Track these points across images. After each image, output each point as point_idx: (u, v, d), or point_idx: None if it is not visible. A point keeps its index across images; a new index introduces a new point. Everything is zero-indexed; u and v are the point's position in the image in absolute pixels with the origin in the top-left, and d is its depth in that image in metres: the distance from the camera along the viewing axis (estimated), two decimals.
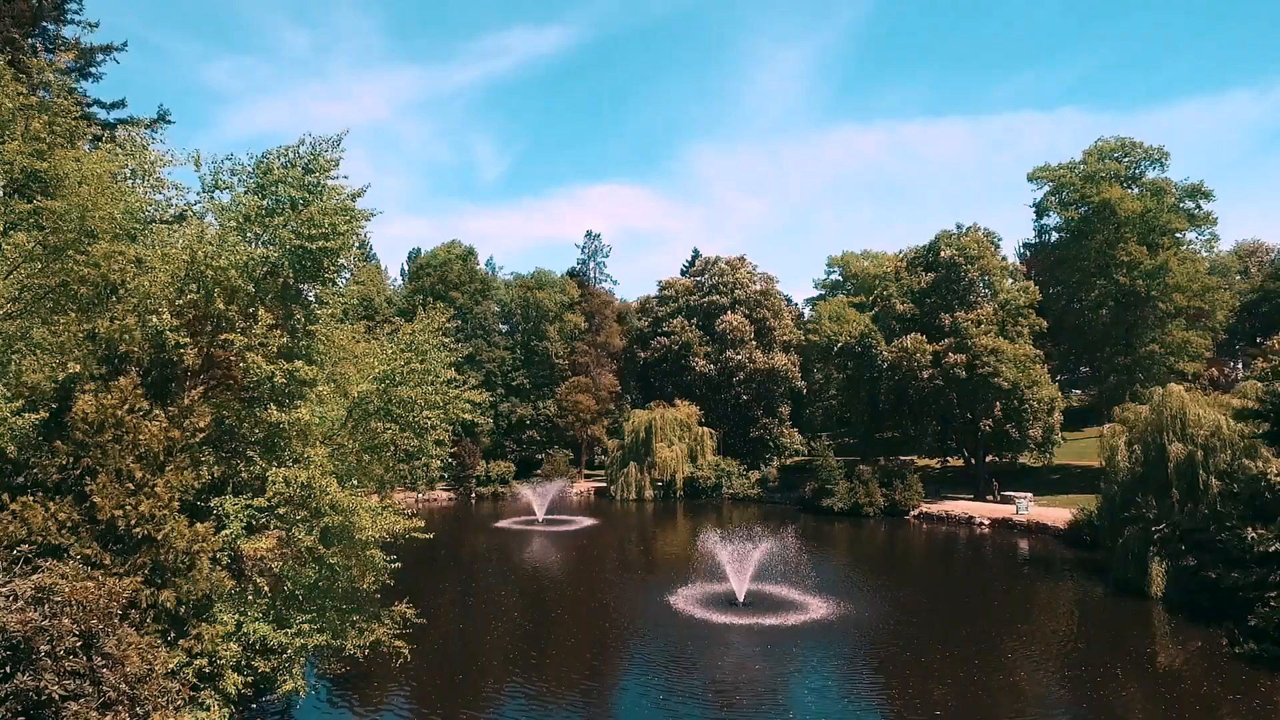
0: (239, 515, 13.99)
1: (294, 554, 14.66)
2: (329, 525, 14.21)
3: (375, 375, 15.36)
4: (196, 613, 12.98)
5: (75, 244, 13.67)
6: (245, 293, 14.40)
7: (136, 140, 16.11)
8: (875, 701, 18.87)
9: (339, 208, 15.72)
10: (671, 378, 73.51)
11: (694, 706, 18.31)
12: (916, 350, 52.89)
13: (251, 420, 14.86)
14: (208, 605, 13.19)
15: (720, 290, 73.98)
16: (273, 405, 14.44)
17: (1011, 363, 50.44)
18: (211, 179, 15.17)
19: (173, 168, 16.28)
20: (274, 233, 14.78)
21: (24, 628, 6.78)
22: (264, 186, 14.88)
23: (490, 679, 20.37)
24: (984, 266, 55.12)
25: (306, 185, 15.51)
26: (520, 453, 73.14)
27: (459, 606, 28.21)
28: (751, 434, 71.70)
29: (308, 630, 14.28)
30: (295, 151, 15.71)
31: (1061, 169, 69.94)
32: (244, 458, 15.18)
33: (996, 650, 22.52)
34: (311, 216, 15.05)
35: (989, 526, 46.01)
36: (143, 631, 10.78)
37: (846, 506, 51.56)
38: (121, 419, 12.36)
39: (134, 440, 12.44)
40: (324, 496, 14.04)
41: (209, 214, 15.12)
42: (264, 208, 14.95)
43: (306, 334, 15.46)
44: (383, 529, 14.67)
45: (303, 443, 14.79)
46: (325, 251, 15.55)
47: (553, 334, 74.78)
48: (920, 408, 55.19)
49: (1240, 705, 17.76)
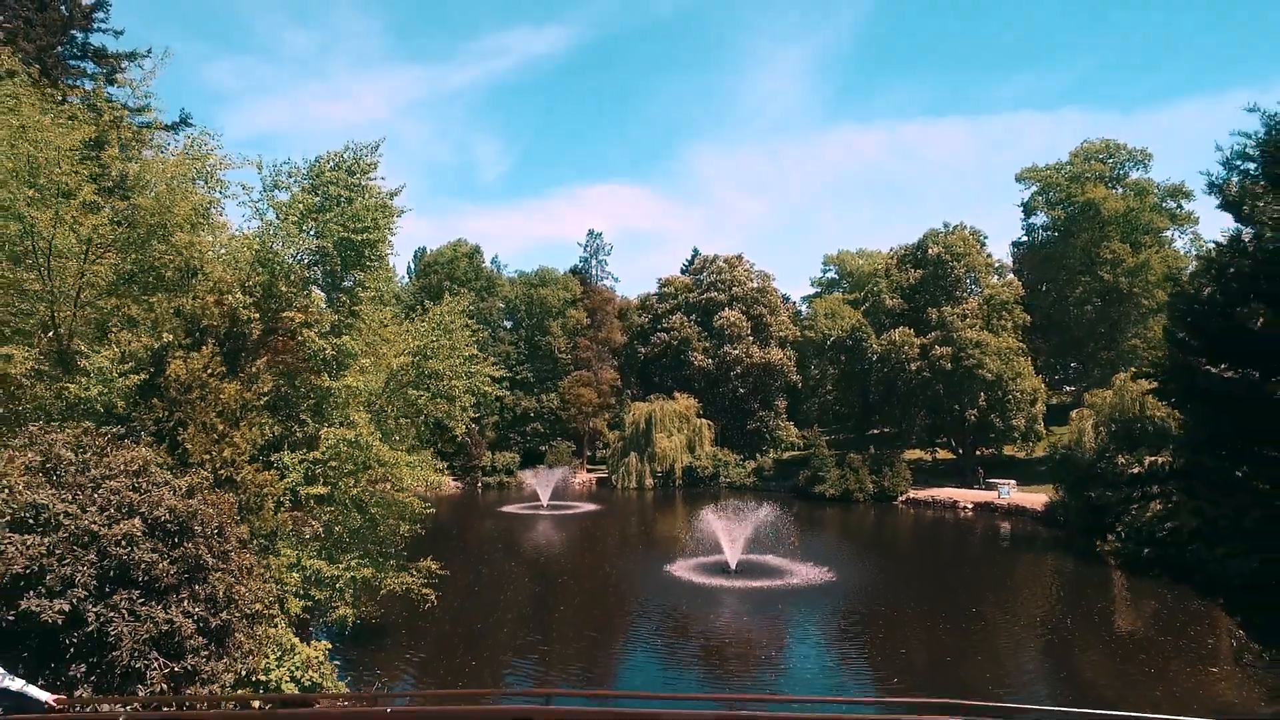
0: (297, 467, 16.38)
1: (343, 501, 17.01)
2: (373, 477, 16.60)
3: (410, 349, 17.76)
4: (265, 547, 15.36)
5: (158, 235, 16.07)
6: (301, 277, 16.80)
7: (201, 145, 18.48)
8: (854, 649, 21.18)
9: (378, 204, 18.13)
10: (671, 372, 75.86)
11: (688, 654, 20.65)
12: (904, 343, 55.26)
13: (306, 387, 17.25)
14: (273, 540, 15.57)
15: (718, 287, 76.33)
16: (325, 374, 16.84)
17: (995, 355, 52.82)
18: (271, 180, 17.59)
19: (230, 170, 18.64)
20: (325, 226, 17.17)
21: (185, 511, 9.14)
22: (317, 186, 17.29)
23: (504, 629, 22.76)
24: (970, 263, 57.50)
25: (350, 185, 17.93)
26: (524, 444, 75.48)
27: (472, 573, 30.61)
28: (748, 427, 74.03)
29: (354, 566, 16.67)
30: (340, 156, 18.14)
31: (1048, 170, 72.33)
32: (298, 420, 17.58)
33: (955, 590, 25.00)
34: (356, 212, 17.47)
35: (972, 510, 48.38)
36: None
37: (838, 492, 53.92)
38: (205, 381, 14.74)
39: (215, 399, 14.82)
40: (369, 451, 16.43)
41: (270, 209, 17.48)
42: (316, 204, 17.34)
43: (351, 313, 17.88)
44: (420, 480, 17.06)
45: (348, 407, 17.18)
46: (366, 243, 17.99)
47: (556, 329, 77.12)
48: (908, 399, 57.54)
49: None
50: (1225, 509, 15.14)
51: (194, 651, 8.88)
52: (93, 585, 8.25)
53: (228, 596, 9.36)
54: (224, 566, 9.59)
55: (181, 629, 8.64)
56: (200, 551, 9.12)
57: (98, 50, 42.52)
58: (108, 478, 8.92)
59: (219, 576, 9.30)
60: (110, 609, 8.31)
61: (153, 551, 8.67)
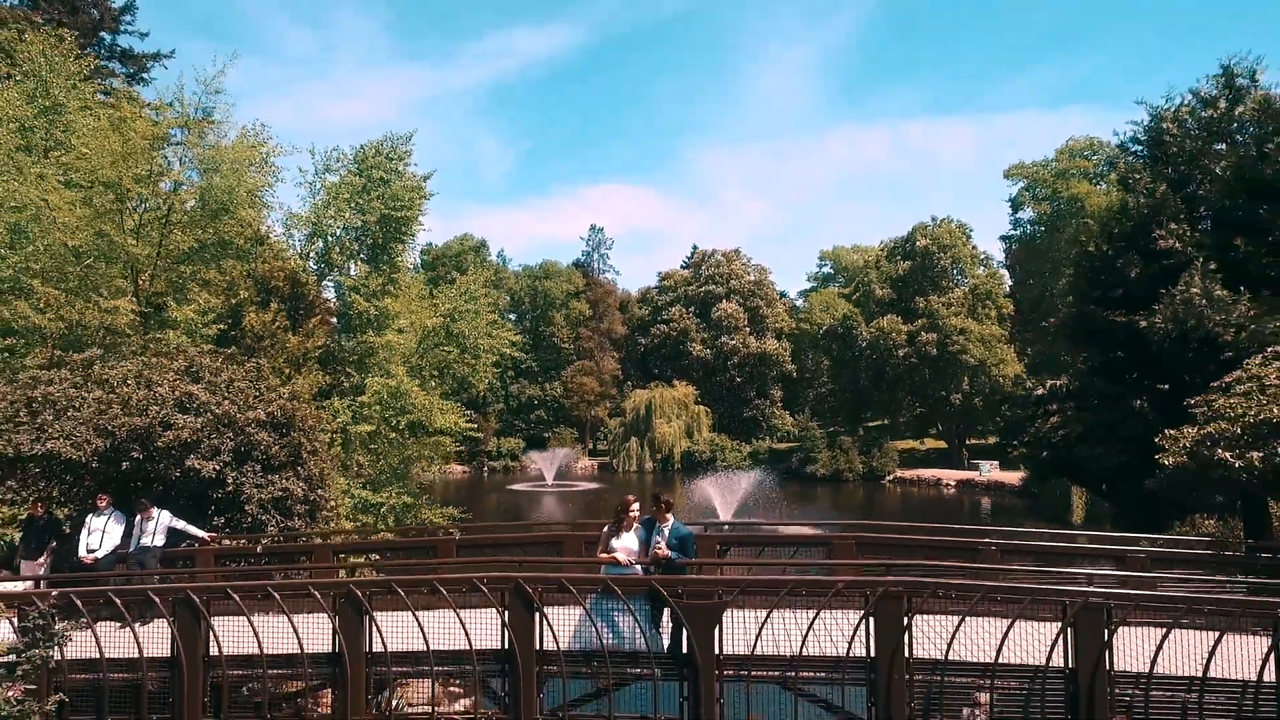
0: (345, 410, 19.09)
1: (386, 438, 19.71)
2: (411, 420, 19.31)
3: (441, 312, 20.49)
4: (321, 476, 18.07)
5: (228, 211, 18.78)
6: (349, 248, 19.52)
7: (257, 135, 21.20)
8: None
9: (413, 186, 20.87)
10: (670, 362, 78.54)
11: None
12: (892, 330, 57.95)
13: (353, 342, 19.98)
14: (327, 471, 18.27)
15: (716, 280, 79.01)
16: (370, 331, 19.57)
17: (979, 341, 55.52)
18: (323, 164, 20.34)
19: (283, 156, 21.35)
20: (368, 204, 19.89)
21: (290, 409, 11.82)
22: (362, 170, 20.01)
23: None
24: (956, 255, 60.20)
25: (389, 170, 20.67)
26: (528, 431, 78.16)
27: None
28: (745, 414, 76.70)
29: (396, 495, 19.37)
30: (379, 145, 20.90)
31: (1035, 166, 74.95)
32: (344, 372, 20.28)
33: None
34: (395, 193, 20.20)
35: (954, 487, 51.14)
36: None
37: (829, 472, 56.64)
38: (275, 331, 17.48)
39: (282, 347, 17.55)
40: (407, 398, 19.15)
41: (322, 189, 20.19)
42: (360, 186, 20.07)
43: (390, 280, 20.60)
44: (450, 421, 19.77)
45: (390, 362, 19.89)
46: (403, 220, 20.73)
47: (559, 321, 79.82)
48: (896, 384, 60.22)
49: None
50: (1105, 419, 17.76)
51: (299, 515, 11.61)
52: (230, 457, 10.96)
53: (320, 477, 12.09)
54: (315, 456, 12.32)
55: (292, 494, 11.36)
56: (301, 441, 11.84)
57: (124, 51, 45.23)
58: (235, 380, 11.64)
59: (314, 462, 12.04)
60: (242, 476, 11.02)
61: (269, 436, 11.39)
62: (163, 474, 10.81)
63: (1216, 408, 9.85)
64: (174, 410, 10.59)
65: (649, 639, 7.43)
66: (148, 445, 10.53)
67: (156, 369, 11.34)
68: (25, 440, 10.29)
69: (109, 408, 10.61)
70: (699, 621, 7.37)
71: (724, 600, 7.59)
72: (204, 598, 7.87)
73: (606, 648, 7.37)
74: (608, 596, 7.65)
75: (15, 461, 10.59)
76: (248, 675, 7.99)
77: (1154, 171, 16.53)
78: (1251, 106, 17.60)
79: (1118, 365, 17.26)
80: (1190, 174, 17.40)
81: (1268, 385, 9.61)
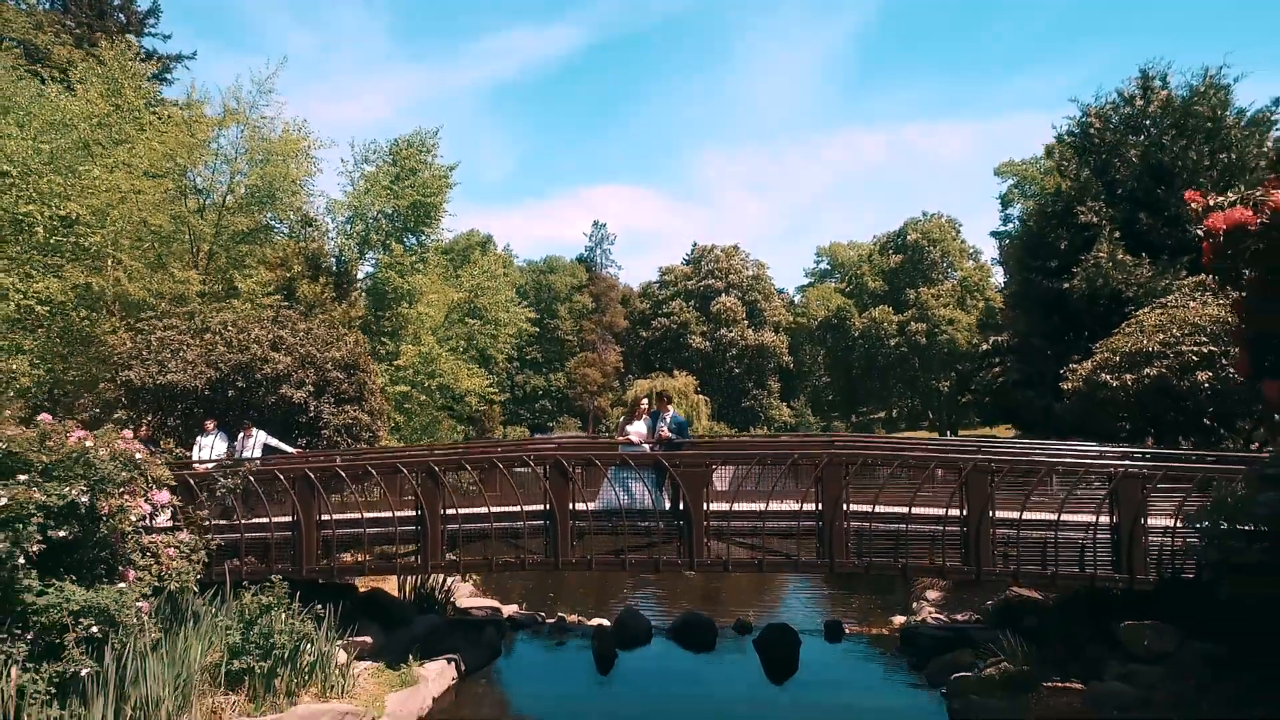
0: (382, 373, 21.58)
1: (417, 402, 22.22)
2: (441, 383, 21.83)
3: (465, 288, 23.02)
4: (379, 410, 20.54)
5: (274, 197, 21.27)
6: (384, 230, 22.03)
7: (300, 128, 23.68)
8: None
9: (440, 175, 23.38)
10: (670, 354, 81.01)
11: None
12: (884, 320, 60.49)
13: (389, 314, 22.51)
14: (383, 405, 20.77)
15: (715, 275, 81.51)
16: (404, 304, 22.10)
17: (966, 330, 57.99)
18: (362, 155, 22.86)
19: (324, 149, 23.85)
20: (402, 190, 22.40)
21: (356, 352, 14.33)
22: (396, 161, 22.52)
23: None
24: (945, 248, 62.72)
25: (419, 160, 23.18)
26: (533, 421, 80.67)
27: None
28: (743, 404, 79.17)
29: None
30: (410, 139, 23.41)
31: (1024, 164, 77.44)
32: (380, 341, 22.78)
33: None
34: (425, 181, 22.71)
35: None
36: None
37: None
38: (324, 301, 19.98)
39: (331, 315, 20.05)
40: (437, 363, 21.66)
41: (361, 178, 22.70)
42: (394, 174, 22.58)
43: (421, 259, 23.12)
44: (475, 384, 22.29)
45: (420, 332, 22.40)
46: (431, 206, 23.23)
47: (563, 313, 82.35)
48: (887, 372, 62.77)
49: None
50: (1038, 368, 20.39)
51: (365, 440, 14.10)
52: (311, 389, 13.45)
53: (380, 410, 14.57)
54: (376, 394, 14.83)
55: (360, 421, 13.85)
56: (364, 380, 14.34)
57: (149, 53, 47.71)
58: (312, 329, 14.13)
59: (377, 400, 14.53)
60: (320, 405, 13.51)
61: (340, 374, 13.88)
62: (259, 401, 13.28)
63: (1109, 345, 12.28)
64: (268, 348, 13.08)
65: (655, 500, 9.93)
66: (249, 376, 13.02)
67: (250, 318, 13.83)
68: (150, 373, 12.77)
69: (214, 348, 13.10)
70: (692, 484, 9.87)
71: (710, 467, 10.10)
72: (317, 474, 10.34)
73: (623, 505, 9.87)
74: (624, 468, 10.13)
75: (140, 391, 13.07)
76: (352, 535, 10.49)
77: (1081, 159, 19.28)
78: (1157, 105, 20.84)
79: (1050, 323, 20.02)
80: (1110, 161, 20.47)
81: (1146, 326, 12.04)
